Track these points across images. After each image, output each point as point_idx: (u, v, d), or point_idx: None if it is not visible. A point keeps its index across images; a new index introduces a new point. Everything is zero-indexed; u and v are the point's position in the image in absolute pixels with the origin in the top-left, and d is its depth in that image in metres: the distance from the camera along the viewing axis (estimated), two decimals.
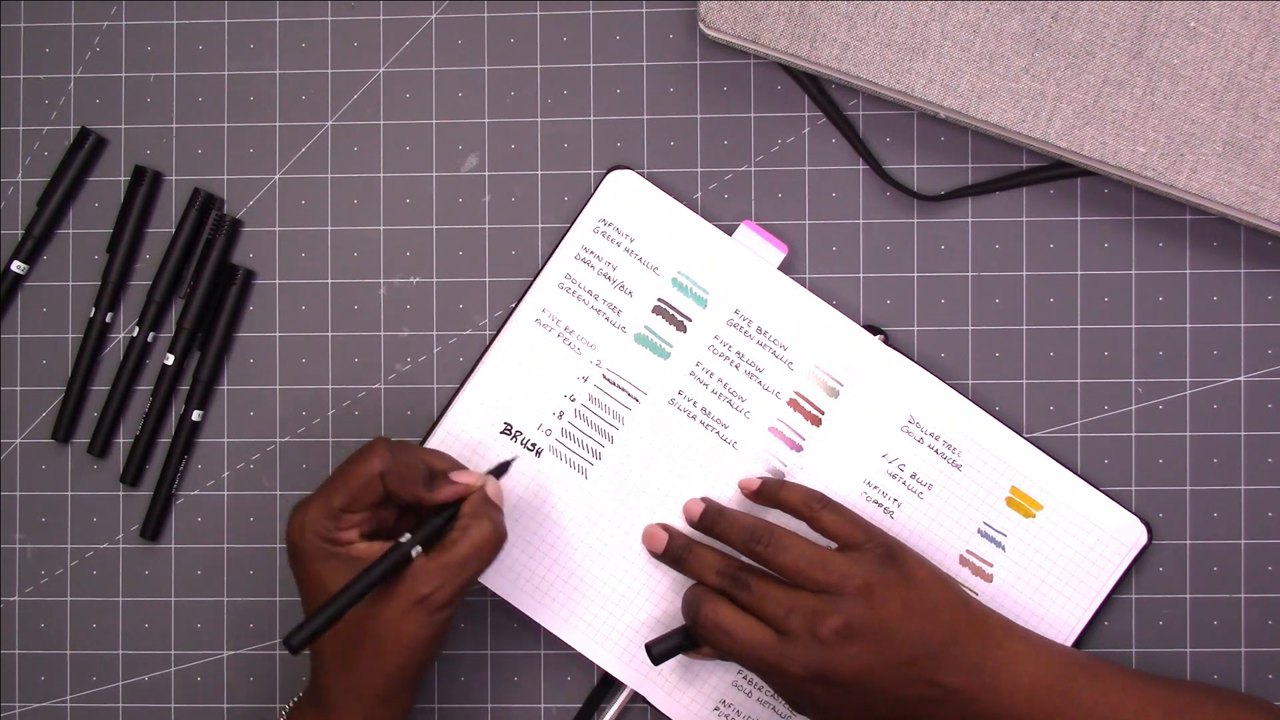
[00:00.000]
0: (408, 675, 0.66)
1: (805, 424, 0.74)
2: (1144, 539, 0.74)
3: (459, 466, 0.70)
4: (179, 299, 0.78)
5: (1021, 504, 0.74)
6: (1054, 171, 0.75)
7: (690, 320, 0.75)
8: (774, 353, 0.74)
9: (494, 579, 0.74)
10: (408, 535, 0.65)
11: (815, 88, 0.75)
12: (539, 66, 0.77)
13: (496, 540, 0.66)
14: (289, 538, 0.66)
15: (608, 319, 0.75)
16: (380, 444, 0.66)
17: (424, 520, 0.67)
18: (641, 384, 0.74)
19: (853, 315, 0.75)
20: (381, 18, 0.77)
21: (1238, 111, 0.70)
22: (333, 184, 0.77)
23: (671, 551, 0.72)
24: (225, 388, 0.78)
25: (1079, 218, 0.75)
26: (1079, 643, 0.74)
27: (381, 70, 0.77)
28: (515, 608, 0.75)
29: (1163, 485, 0.75)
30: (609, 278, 0.75)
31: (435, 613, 0.65)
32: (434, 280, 0.77)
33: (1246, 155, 0.70)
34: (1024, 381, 0.75)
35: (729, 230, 0.75)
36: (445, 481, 0.67)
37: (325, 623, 0.63)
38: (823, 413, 0.74)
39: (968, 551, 0.74)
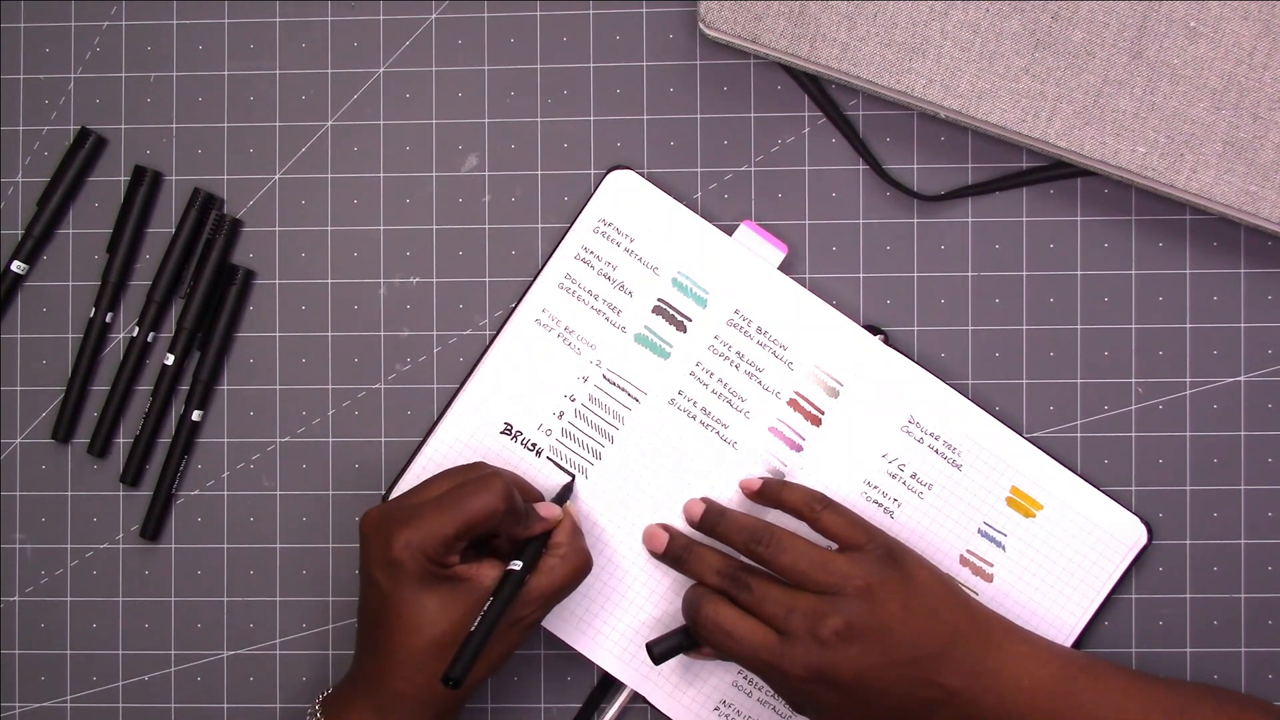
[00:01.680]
0: (478, 687, 0.70)
1: (805, 424, 0.74)
2: (1144, 539, 0.74)
3: (539, 494, 0.72)
4: (179, 299, 0.78)
5: (1021, 504, 0.74)
6: (1054, 171, 0.75)
7: (690, 320, 0.75)
8: (774, 353, 0.74)
9: None
10: (518, 563, 0.68)
11: (815, 88, 0.75)
12: (539, 66, 0.77)
13: (588, 568, 0.70)
14: (389, 555, 0.66)
15: (608, 319, 0.75)
16: (499, 482, 0.67)
17: (521, 546, 0.69)
18: (641, 384, 0.74)
19: (853, 315, 0.75)
20: (381, 18, 0.77)
21: (1238, 111, 0.70)
22: (333, 184, 0.77)
23: (672, 551, 0.72)
24: (225, 388, 0.78)
25: (1079, 218, 0.75)
26: (1079, 643, 0.74)
27: (381, 70, 0.77)
28: None
29: (1163, 485, 0.75)
30: (609, 278, 0.75)
31: (524, 632, 0.69)
32: (434, 280, 0.77)
33: (1246, 155, 0.70)
34: (1024, 381, 0.75)
35: (729, 230, 0.75)
36: (536, 517, 0.70)
37: (475, 651, 0.65)
38: (823, 413, 0.74)
39: (968, 551, 0.74)
